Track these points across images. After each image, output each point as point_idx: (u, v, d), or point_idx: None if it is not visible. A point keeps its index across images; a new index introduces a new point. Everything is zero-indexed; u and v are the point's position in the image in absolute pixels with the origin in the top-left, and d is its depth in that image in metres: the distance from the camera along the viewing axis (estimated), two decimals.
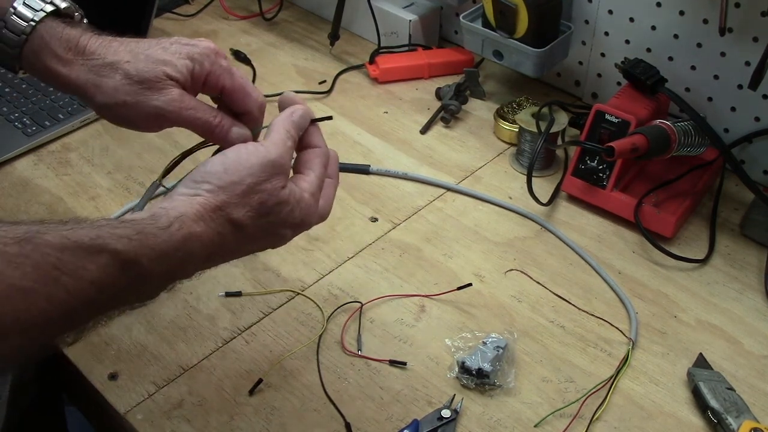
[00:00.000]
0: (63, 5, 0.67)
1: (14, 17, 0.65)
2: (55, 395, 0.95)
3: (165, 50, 0.65)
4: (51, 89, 1.16)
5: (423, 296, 0.86)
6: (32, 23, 0.65)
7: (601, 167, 0.95)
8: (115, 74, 0.64)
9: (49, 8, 0.66)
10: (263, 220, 0.59)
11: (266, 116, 0.71)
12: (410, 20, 1.24)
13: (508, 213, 0.98)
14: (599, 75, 1.13)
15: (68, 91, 0.67)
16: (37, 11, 0.65)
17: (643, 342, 0.81)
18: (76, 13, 0.69)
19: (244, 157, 0.58)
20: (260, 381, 0.76)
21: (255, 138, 0.69)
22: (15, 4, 0.65)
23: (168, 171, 0.69)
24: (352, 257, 0.91)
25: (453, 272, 0.89)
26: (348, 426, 0.73)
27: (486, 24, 1.09)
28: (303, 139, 0.66)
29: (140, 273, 0.52)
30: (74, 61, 0.65)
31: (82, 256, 0.49)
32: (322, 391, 0.76)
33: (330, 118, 0.75)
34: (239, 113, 0.68)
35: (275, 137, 0.61)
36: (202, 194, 0.56)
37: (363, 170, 1.04)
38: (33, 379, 0.86)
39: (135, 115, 0.65)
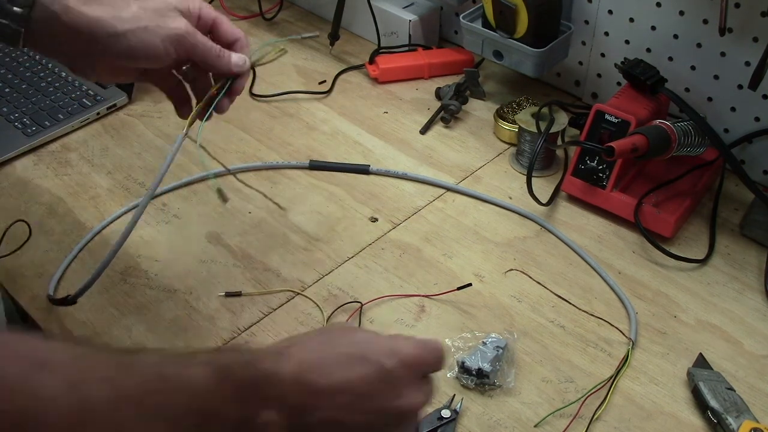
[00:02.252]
0: None
1: None
2: None
3: None
4: (51, 89, 1.17)
5: (423, 296, 0.86)
6: None
7: (601, 167, 0.95)
8: (131, 5, 0.69)
9: None
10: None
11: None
12: (410, 20, 1.24)
13: (508, 213, 0.98)
14: (599, 75, 1.13)
15: (86, 31, 0.68)
16: None
17: (643, 342, 0.81)
18: None
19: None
20: None
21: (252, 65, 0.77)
22: None
23: (192, 122, 0.74)
24: (352, 257, 0.91)
25: (453, 272, 0.89)
26: None
27: (486, 24, 1.09)
28: None
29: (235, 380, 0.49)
30: (91, 1, 0.68)
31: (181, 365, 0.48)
32: None
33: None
34: (231, 42, 0.76)
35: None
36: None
37: (363, 170, 1.04)
38: None
39: (155, 39, 0.69)
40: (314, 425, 0.52)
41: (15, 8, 0.66)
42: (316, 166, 1.05)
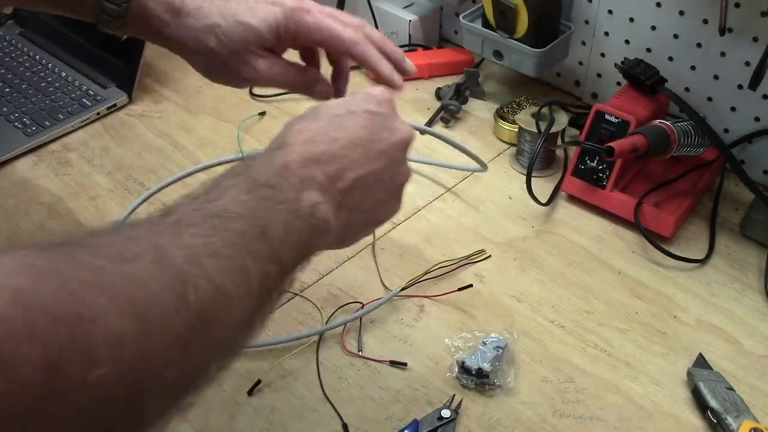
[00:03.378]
0: None
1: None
2: None
3: (252, 12, 0.68)
4: (51, 89, 1.17)
5: (423, 296, 0.86)
6: None
7: (601, 167, 0.95)
8: (209, 39, 0.67)
9: None
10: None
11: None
12: (410, 20, 1.24)
13: (508, 213, 0.98)
14: (599, 75, 1.13)
15: (172, 50, 0.70)
16: None
17: (643, 342, 0.81)
18: None
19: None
20: (259, 382, 0.76)
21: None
22: None
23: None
24: (352, 257, 0.91)
25: (453, 272, 0.89)
26: (345, 426, 0.73)
27: (486, 24, 1.09)
28: None
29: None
30: (171, 23, 0.68)
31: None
32: (321, 391, 0.76)
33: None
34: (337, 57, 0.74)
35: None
36: None
37: None
38: None
39: (228, 79, 0.70)
40: (350, 189, 0.55)
41: (111, 5, 0.67)
42: None
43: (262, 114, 1.14)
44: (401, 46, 1.25)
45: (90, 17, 0.68)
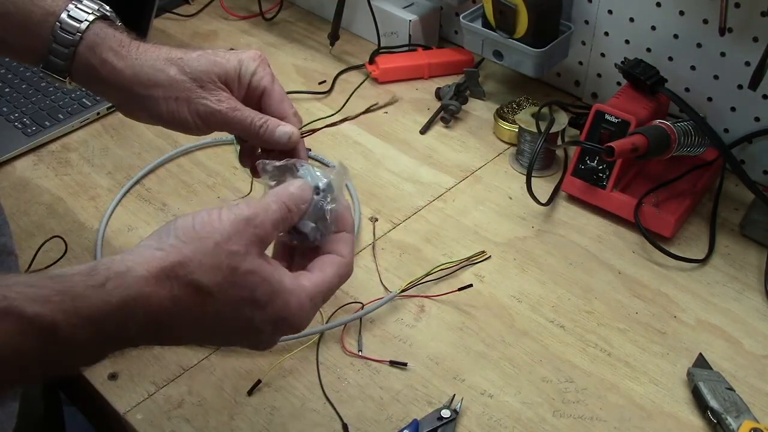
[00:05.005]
0: (109, 11, 0.70)
1: (68, 19, 0.67)
2: (54, 394, 0.95)
3: (215, 53, 0.69)
4: (51, 89, 1.16)
5: (423, 296, 0.86)
6: (87, 22, 0.67)
7: (601, 167, 0.95)
8: (170, 69, 0.67)
9: (99, 13, 0.68)
10: (233, 292, 0.51)
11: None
12: (410, 20, 1.24)
13: (508, 213, 0.98)
14: (599, 75, 1.13)
15: (121, 90, 0.68)
16: (89, 14, 0.67)
17: (643, 342, 0.81)
18: (119, 22, 0.71)
19: (216, 215, 0.52)
20: (259, 381, 0.76)
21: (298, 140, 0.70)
22: (68, 8, 0.67)
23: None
24: None
25: (453, 272, 0.89)
26: (345, 427, 0.73)
27: (486, 24, 1.09)
28: (327, 246, 0.61)
29: (61, 340, 0.45)
30: (128, 57, 0.67)
31: None
32: (321, 391, 0.76)
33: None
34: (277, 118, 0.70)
35: (260, 200, 0.56)
36: (164, 248, 0.50)
37: None
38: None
39: (184, 111, 0.67)
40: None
41: (57, 59, 0.68)
42: None
43: None
44: (401, 46, 1.26)
45: (35, 60, 0.69)
